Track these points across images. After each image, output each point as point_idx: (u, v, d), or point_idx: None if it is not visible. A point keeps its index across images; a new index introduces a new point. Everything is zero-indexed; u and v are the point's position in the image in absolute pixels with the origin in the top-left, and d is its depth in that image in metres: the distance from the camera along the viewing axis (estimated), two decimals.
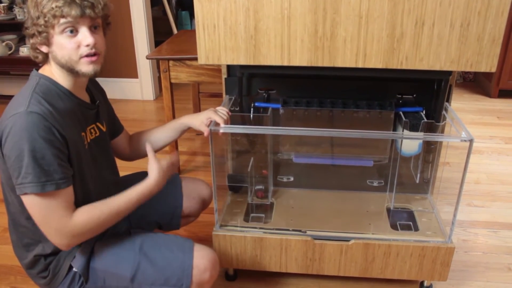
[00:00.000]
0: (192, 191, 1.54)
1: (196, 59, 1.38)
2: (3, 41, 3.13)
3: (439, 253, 1.46)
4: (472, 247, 1.84)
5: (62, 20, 1.06)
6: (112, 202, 1.16)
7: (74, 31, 1.08)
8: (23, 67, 3.14)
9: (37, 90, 1.09)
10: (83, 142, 1.18)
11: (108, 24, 1.20)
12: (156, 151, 1.49)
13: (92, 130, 1.24)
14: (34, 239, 1.20)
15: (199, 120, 1.42)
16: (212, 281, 1.26)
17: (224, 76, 1.58)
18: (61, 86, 1.14)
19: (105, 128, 1.31)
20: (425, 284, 1.59)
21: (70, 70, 1.12)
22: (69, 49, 1.09)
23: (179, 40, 2.44)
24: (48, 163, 1.04)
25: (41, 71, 1.15)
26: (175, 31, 3.22)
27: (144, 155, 1.49)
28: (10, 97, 1.20)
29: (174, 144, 2.32)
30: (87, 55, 1.11)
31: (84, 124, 1.20)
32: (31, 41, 1.11)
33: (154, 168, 1.25)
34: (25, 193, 1.04)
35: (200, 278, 1.21)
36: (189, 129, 1.48)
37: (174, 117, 2.25)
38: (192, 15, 4.34)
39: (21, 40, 3.27)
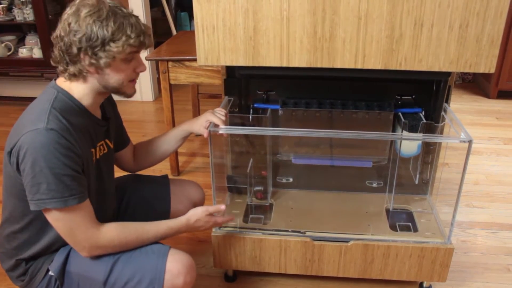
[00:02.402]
0: (181, 195, 1.52)
1: (195, 60, 1.38)
2: (2, 42, 3.13)
3: (438, 254, 1.46)
4: (471, 248, 1.84)
5: (133, 49, 1.10)
6: (142, 228, 1.20)
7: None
8: (23, 68, 3.14)
9: (55, 105, 1.08)
10: (92, 158, 1.19)
11: None
12: (158, 161, 1.50)
13: (101, 147, 1.25)
14: (23, 246, 1.20)
15: (198, 124, 1.42)
16: (187, 287, 1.22)
17: (223, 77, 1.58)
18: (78, 103, 1.14)
19: (112, 145, 1.32)
20: (424, 285, 1.59)
21: (115, 92, 1.16)
22: (127, 74, 1.13)
23: (178, 41, 2.44)
24: (68, 179, 1.05)
25: (59, 83, 1.14)
26: (174, 32, 3.22)
27: (148, 166, 1.50)
28: (9, 98, 1.20)
29: (175, 151, 2.31)
30: (134, 79, 1.17)
31: (95, 140, 1.21)
32: (84, 63, 1.08)
33: (196, 213, 1.30)
34: (47, 209, 1.06)
35: (173, 283, 1.18)
36: (190, 134, 1.48)
37: (173, 118, 2.25)
38: (191, 16, 4.34)
39: (20, 41, 3.27)
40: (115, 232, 1.15)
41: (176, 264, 1.19)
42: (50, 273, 1.20)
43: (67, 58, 1.09)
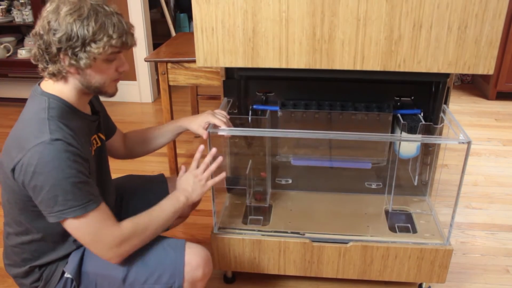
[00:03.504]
0: None
1: (194, 61, 1.38)
2: (1, 44, 3.13)
3: (437, 255, 1.46)
4: (470, 249, 1.84)
5: (115, 49, 1.06)
6: (149, 213, 1.19)
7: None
8: (22, 70, 3.14)
9: (51, 114, 1.06)
10: (91, 154, 1.19)
11: None
12: (151, 152, 1.49)
13: (94, 141, 1.24)
14: (33, 256, 1.19)
15: (196, 123, 1.42)
16: (205, 279, 1.24)
17: (223, 78, 1.58)
18: (70, 104, 1.11)
19: (104, 137, 1.32)
20: (424, 286, 1.59)
21: (97, 92, 1.13)
22: (109, 74, 1.11)
23: (178, 42, 2.44)
24: (83, 185, 1.04)
25: (44, 87, 1.11)
26: (173, 33, 3.22)
27: (140, 155, 1.49)
28: (8, 99, 1.20)
29: (172, 147, 2.31)
30: (117, 78, 1.14)
31: (89, 136, 1.20)
32: (63, 64, 1.05)
33: (181, 179, 1.30)
34: (66, 219, 1.05)
35: (193, 275, 1.20)
36: (186, 131, 1.48)
37: (172, 117, 2.24)
38: (190, 18, 4.35)
39: (19, 42, 3.27)
40: (130, 223, 1.14)
41: (194, 257, 1.21)
42: (66, 275, 1.19)
43: (46, 57, 1.05)
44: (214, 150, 1.32)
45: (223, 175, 1.34)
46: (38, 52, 1.06)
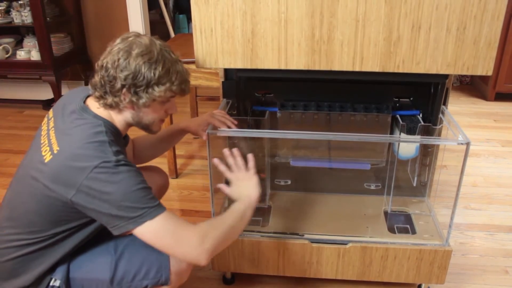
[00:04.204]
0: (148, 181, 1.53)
1: (193, 62, 1.38)
2: (0, 45, 3.13)
3: (437, 256, 1.46)
4: (470, 250, 1.84)
5: (173, 95, 1.14)
6: (222, 219, 1.20)
7: None
8: (20, 71, 3.14)
9: (108, 135, 1.09)
10: None
11: None
12: (156, 156, 1.50)
13: None
14: (26, 267, 1.17)
15: (195, 125, 1.43)
16: (189, 269, 1.27)
17: (222, 79, 1.58)
18: (118, 130, 1.17)
19: None
20: (423, 287, 1.59)
21: (144, 128, 1.19)
22: (159, 115, 1.17)
23: (176, 43, 2.44)
24: (150, 190, 1.09)
25: (95, 110, 1.14)
26: (172, 34, 3.22)
27: (146, 160, 1.51)
28: (7, 100, 1.20)
29: (171, 148, 2.31)
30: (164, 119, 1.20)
31: None
32: (125, 100, 1.10)
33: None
34: (143, 223, 1.05)
35: (179, 267, 1.22)
36: (187, 133, 1.49)
37: (171, 121, 2.25)
38: (189, 19, 4.35)
39: (18, 44, 3.27)
40: (202, 222, 1.16)
41: None
42: (53, 283, 1.18)
43: (107, 89, 1.10)
44: (226, 151, 1.34)
45: (250, 157, 1.34)
46: (100, 82, 1.11)
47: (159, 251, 1.19)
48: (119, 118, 1.16)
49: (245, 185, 1.30)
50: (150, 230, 1.07)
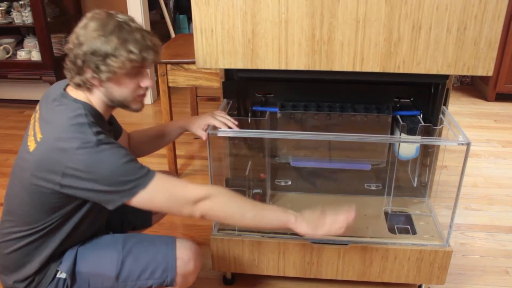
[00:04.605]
0: None
1: (193, 63, 1.38)
2: (0, 45, 3.13)
3: (437, 257, 1.46)
4: (470, 251, 1.84)
5: (135, 64, 1.10)
6: (251, 200, 1.23)
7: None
8: (21, 71, 3.14)
9: (89, 118, 1.10)
10: None
11: None
12: (153, 151, 1.50)
13: None
14: (29, 257, 1.19)
15: (196, 125, 1.42)
16: (196, 272, 1.27)
17: (222, 80, 1.58)
18: (99, 113, 1.17)
19: None
20: (423, 287, 1.59)
21: (121, 106, 1.17)
22: (130, 89, 1.14)
23: (177, 44, 2.44)
24: (136, 160, 1.11)
25: (74, 95, 1.15)
26: (172, 35, 3.23)
27: (143, 154, 1.50)
28: (7, 100, 1.21)
29: (171, 148, 2.31)
30: (142, 94, 1.17)
31: None
32: (87, 76, 1.10)
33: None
34: (139, 191, 1.08)
35: (185, 269, 1.23)
36: (185, 132, 1.48)
37: (171, 118, 2.24)
38: (189, 19, 4.35)
39: (19, 44, 3.27)
40: (214, 187, 1.18)
41: (185, 251, 1.24)
42: (59, 275, 1.20)
43: (74, 69, 1.12)
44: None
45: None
46: (69, 63, 1.13)
47: (166, 252, 1.22)
48: (95, 99, 1.15)
49: (318, 220, 1.27)
50: (145, 198, 1.09)
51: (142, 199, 1.09)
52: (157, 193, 1.10)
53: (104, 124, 1.18)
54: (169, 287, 1.24)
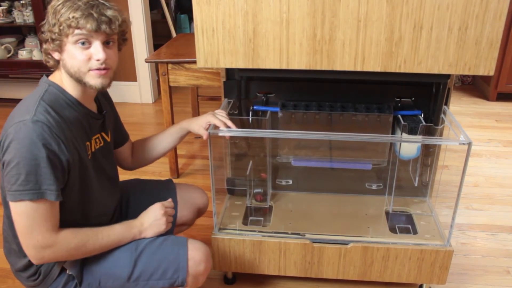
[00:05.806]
0: (187, 200, 1.51)
1: (195, 62, 1.38)
2: (2, 44, 3.13)
3: (438, 256, 1.46)
4: (471, 250, 1.84)
5: (77, 31, 1.08)
6: (94, 232, 1.17)
7: (86, 43, 1.10)
8: (22, 70, 3.14)
9: (44, 98, 1.10)
10: (87, 151, 1.19)
11: (125, 40, 1.22)
12: (157, 158, 1.49)
13: (97, 140, 1.25)
14: None
15: (197, 124, 1.42)
16: (206, 273, 1.28)
17: (223, 79, 1.58)
18: (70, 95, 1.15)
19: (109, 138, 1.32)
20: (424, 287, 1.59)
21: (78, 81, 1.14)
22: (80, 60, 1.11)
23: (178, 43, 2.44)
24: (48, 173, 1.04)
25: (51, 78, 1.16)
26: (174, 34, 3.23)
27: (146, 163, 1.50)
28: (9, 100, 1.22)
29: (174, 148, 2.31)
30: (97, 69, 1.12)
31: (89, 133, 1.21)
32: (45, 46, 1.13)
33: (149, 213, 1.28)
34: (20, 200, 1.04)
35: (196, 270, 1.24)
36: (188, 133, 1.48)
37: (173, 120, 2.25)
38: (191, 19, 4.35)
39: (20, 43, 3.27)
40: (70, 234, 1.12)
41: (197, 252, 1.25)
42: (68, 271, 1.20)
43: (47, 48, 1.15)
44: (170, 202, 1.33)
45: (170, 223, 1.31)
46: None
47: (178, 252, 1.22)
48: (64, 77, 1.15)
49: (153, 218, 1.27)
50: (17, 208, 1.06)
51: (12, 208, 1.07)
52: (19, 215, 1.07)
53: (76, 109, 1.15)
54: (180, 287, 1.24)
